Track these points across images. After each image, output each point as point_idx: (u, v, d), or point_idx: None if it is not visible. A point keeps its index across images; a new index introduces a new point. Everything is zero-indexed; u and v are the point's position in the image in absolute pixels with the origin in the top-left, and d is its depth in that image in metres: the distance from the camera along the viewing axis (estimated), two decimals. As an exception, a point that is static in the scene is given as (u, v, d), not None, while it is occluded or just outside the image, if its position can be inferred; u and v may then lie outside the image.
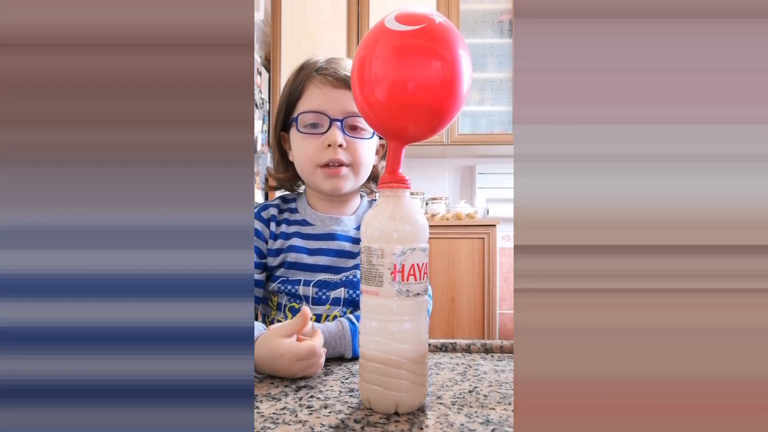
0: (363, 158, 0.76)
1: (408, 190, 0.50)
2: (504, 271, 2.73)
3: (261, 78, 2.43)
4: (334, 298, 0.75)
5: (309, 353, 0.55)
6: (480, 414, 0.47)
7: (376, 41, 0.49)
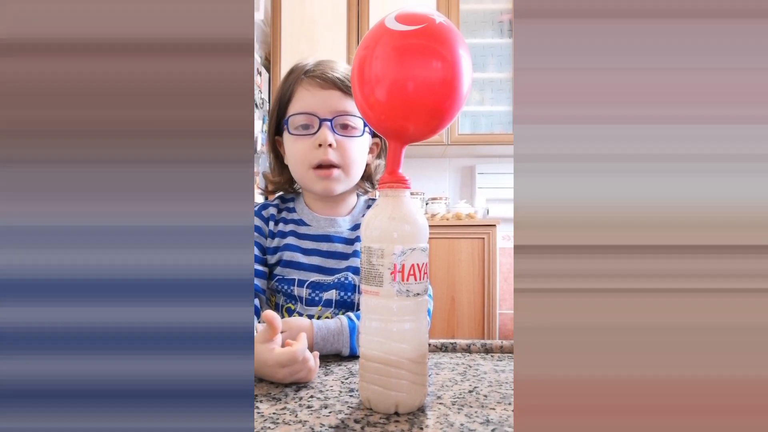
0: (354, 157, 0.77)
1: (408, 190, 0.50)
2: (504, 271, 2.73)
3: (261, 78, 2.43)
4: (326, 299, 0.75)
5: (289, 360, 0.53)
6: (480, 414, 0.47)
7: (376, 41, 0.49)
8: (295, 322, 0.65)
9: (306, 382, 0.56)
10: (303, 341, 0.55)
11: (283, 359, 0.53)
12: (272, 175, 0.86)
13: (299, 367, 0.54)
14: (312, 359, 0.55)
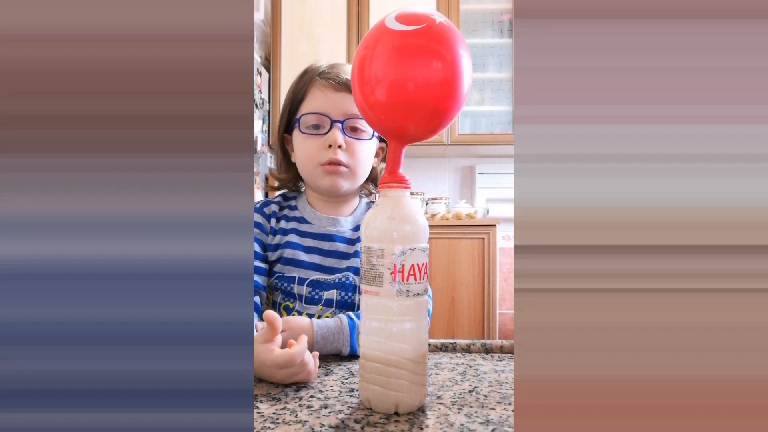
0: (362, 159, 0.78)
1: (408, 190, 0.50)
2: (504, 271, 2.73)
3: (261, 78, 2.43)
4: (327, 299, 0.76)
5: (287, 362, 0.53)
6: (480, 414, 0.47)
7: (376, 41, 0.49)
8: (296, 321, 0.65)
9: (302, 382, 0.56)
10: (303, 344, 0.55)
11: (281, 361, 0.53)
12: (278, 172, 0.86)
13: (297, 369, 0.54)
14: (311, 362, 0.55)
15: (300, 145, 0.78)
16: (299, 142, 0.79)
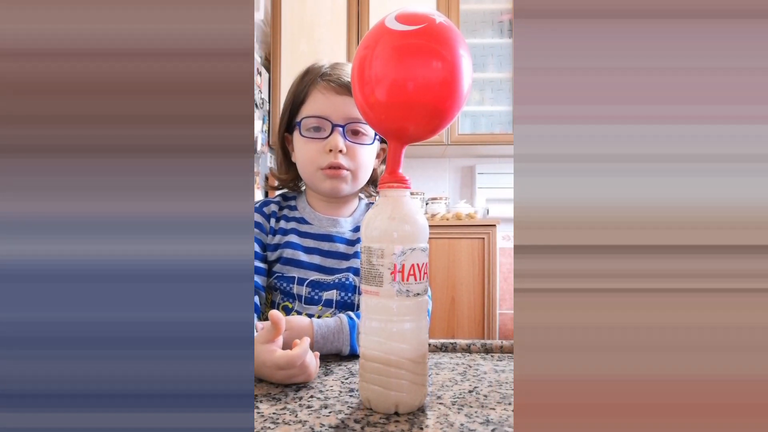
0: (363, 163, 0.78)
1: (408, 190, 0.50)
2: (504, 271, 2.73)
3: (261, 78, 2.43)
4: (327, 299, 0.76)
5: (287, 364, 0.53)
6: (480, 414, 0.47)
7: (376, 41, 0.49)
8: (296, 321, 0.65)
9: (302, 382, 0.56)
10: (305, 346, 0.55)
11: (281, 362, 0.53)
12: (279, 172, 0.86)
13: (297, 371, 0.54)
14: (313, 363, 0.55)
15: (300, 148, 0.78)
16: (300, 144, 0.78)
